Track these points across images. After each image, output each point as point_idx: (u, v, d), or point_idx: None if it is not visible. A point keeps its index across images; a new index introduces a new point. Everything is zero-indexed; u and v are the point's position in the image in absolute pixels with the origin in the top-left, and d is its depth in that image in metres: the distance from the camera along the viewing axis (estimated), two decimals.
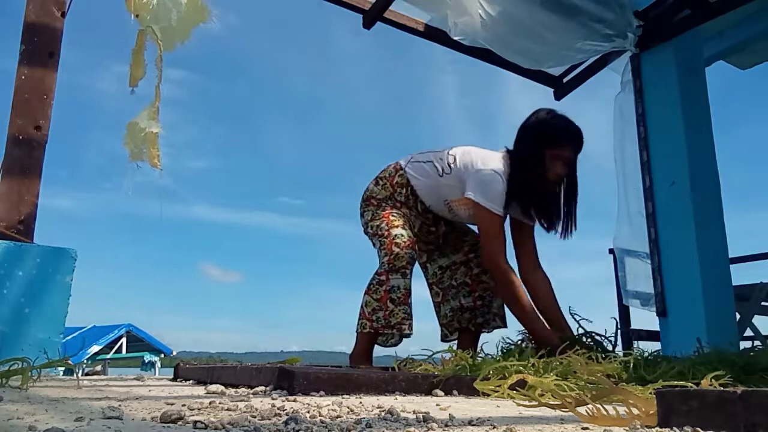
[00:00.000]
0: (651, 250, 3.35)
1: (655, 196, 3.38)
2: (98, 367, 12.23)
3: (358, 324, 2.24)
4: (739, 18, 3.81)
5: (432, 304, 2.58)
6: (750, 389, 0.76)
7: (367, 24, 3.55)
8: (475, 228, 2.49)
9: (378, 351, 2.33)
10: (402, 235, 2.25)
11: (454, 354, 1.93)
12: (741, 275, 3.79)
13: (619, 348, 2.24)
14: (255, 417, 0.92)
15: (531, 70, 3.93)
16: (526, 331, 2.20)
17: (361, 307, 2.25)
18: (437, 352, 2.03)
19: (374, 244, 2.35)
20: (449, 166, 2.31)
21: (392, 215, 2.32)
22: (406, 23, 3.62)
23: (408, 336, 2.24)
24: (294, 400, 1.18)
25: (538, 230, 2.40)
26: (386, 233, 2.26)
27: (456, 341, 2.49)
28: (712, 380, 1.24)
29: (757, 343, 3.74)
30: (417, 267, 2.44)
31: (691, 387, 1.14)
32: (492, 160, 2.26)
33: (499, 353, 2.07)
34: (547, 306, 2.30)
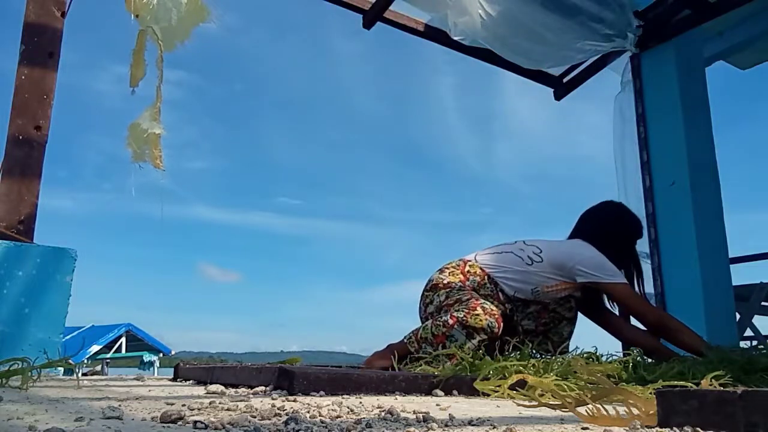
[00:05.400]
0: (651, 250, 3.35)
1: (655, 196, 3.38)
2: (98, 367, 12.24)
3: (407, 336, 2.20)
4: (739, 18, 3.82)
5: None
6: (750, 389, 0.76)
7: (367, 24, 3.55)
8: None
9: None
10: (490, 306, 2.16)
11: (454, 354, 1.92)
12: (741, 275, 3.80)
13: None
14: (255, 417, 0.92)
15: (531, 70, 3.93)
16: (694, 355, 2.17)
17: (418, 328, 2.19)
18: (437, 353, 2.03)
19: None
20: (537, 255, 2.39)
21: (475, 294, 2.27)
22: (406, 23, 3.62)
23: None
24: (294, 400, 1.18)
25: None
26: (472, 300, 2.18)
27: None
28: (712, 380, 1.24)
29: (756, 342, 3.75)
30: None
31: (691, 387, 1.14)
32: (585, 246, 2.42)
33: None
34: (647, 339, 2.38)
